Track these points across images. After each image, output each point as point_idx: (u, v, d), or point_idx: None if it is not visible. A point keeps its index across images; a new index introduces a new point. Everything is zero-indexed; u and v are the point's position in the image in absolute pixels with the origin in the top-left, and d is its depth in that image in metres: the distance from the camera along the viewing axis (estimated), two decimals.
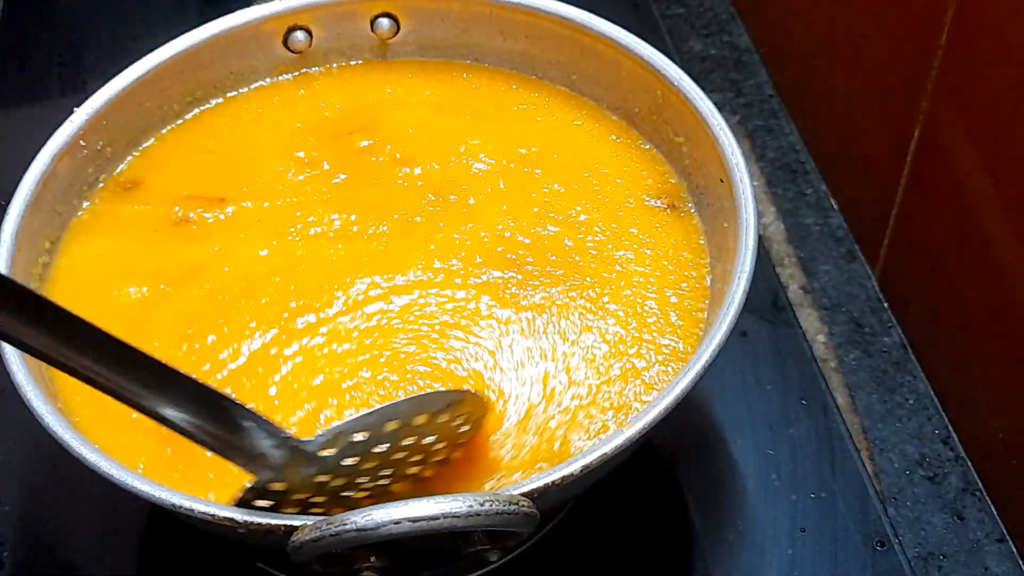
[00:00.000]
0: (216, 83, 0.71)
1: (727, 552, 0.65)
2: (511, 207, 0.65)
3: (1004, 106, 0.65)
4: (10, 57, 0.96)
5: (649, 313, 0.60)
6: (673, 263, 0.62)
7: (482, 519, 0.45)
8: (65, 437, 0.52)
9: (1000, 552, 0.68)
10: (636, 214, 0.65)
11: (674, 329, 0.60)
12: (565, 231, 0.64)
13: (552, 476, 0.49)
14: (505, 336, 0.60)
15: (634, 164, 0.67)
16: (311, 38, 0.71)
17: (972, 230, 0.70)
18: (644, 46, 0.66)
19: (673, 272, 0.62)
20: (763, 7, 0.97)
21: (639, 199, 0.65)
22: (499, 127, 0.69)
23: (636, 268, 0.62)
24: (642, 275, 0.62)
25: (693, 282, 0.62)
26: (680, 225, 0.64)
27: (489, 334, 0.60)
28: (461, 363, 0.59)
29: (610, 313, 0.60)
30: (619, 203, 0.65)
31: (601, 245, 0.63)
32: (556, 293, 0.61)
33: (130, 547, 0.66)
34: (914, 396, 0.75)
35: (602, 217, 0.65)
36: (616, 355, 0.59)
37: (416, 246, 0.64)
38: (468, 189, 0.66)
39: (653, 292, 0.61)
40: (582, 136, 0.69)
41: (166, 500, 0.49)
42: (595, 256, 0.63)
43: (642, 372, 0.58)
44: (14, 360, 0.54)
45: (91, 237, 0.65)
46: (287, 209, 0.66)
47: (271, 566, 0.63)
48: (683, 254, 0.63)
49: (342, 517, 0.45)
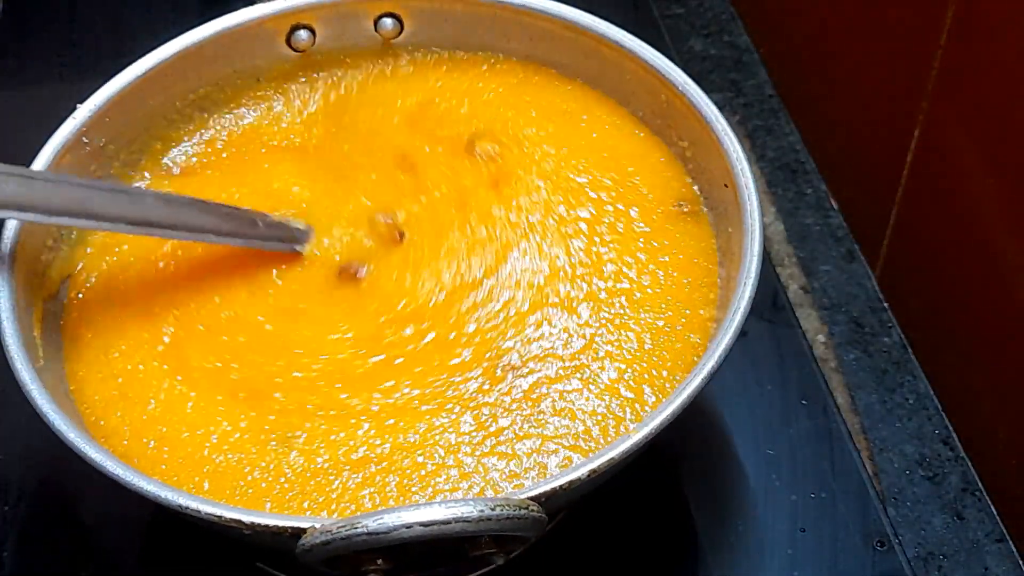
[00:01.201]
0: (219, 81, 0.71)
1: (727, 552, 0.65)
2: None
3: (1004, 106, 0.65)
4: (11, 56, 0.96)
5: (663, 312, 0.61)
6: (687, 267, 0.63)
7: (492, 524, 0.45)
8: (70, 436, 0.52)
9: (1000, 552, 0.68)
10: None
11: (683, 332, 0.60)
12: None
13: (559, 480, 0.49)
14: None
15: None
16: (314, 37, 0.71)
17: (972, 230, 0.70)
18: (648, 49, 0.66)
19: (687, 275, 0.63)
20: (763, 7, 0.97)
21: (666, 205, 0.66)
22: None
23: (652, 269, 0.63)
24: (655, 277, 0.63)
25: (705, 288, 0.62)
26: (697, 229, 0.65)
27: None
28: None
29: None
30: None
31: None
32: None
33: (131, 547, 0.66)
34: (914, 396, 0.76)
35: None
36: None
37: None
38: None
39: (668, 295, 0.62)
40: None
41: (172, 500, 0.50)
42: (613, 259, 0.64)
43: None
44: (18, 357, 0.54)
45: (95, 234, 0.65)
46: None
47: (271, 566, 0.63)
48: (695, 260, 0.63)
49: (352, 520, 0.45)
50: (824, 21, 0.86)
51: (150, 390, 0.59)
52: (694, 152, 0.65)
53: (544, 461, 0.56)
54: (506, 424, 0.57)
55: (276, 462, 0.56)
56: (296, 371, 0.59)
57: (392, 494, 0.54)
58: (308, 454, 0.56)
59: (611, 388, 0.58)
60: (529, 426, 0.57)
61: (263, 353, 0.60)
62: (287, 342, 0.61)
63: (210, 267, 0.63)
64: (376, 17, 0.71)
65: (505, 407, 0.57)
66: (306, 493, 0.55)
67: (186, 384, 0.59)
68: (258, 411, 0.58)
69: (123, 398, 0.59)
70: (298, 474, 0.55)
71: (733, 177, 0.60)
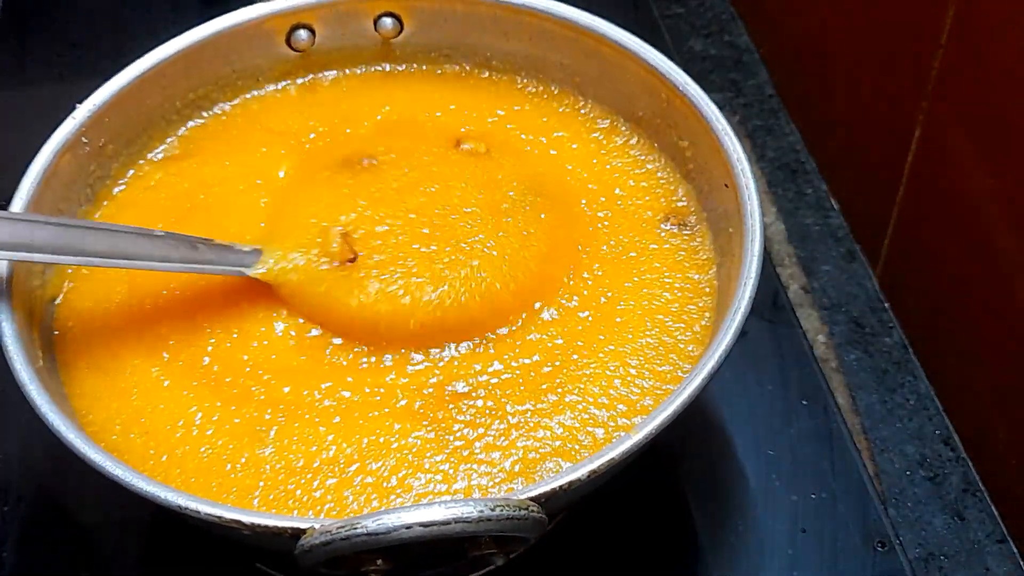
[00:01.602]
0: (218, 81, 0.71)
1: (727, 552, 0.65)
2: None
3: (1004, 106, 0.65)
4: (11, 55, 0.96)
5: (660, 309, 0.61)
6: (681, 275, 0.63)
7: (492, 524, 0.45)
8: (70, 437, 0.52)
9: (1001, 552, 0.68)
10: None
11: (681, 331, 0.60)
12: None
13: (559, 480, 0.49)
14: None
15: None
16: (314, 37, 0.71)
17: (972, 230, 0.70)
18: (649, 49, 0.66)
19: (681, 280, 0.62)
20: (763, 7, 0.98)
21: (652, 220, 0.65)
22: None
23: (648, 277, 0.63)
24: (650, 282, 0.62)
25: (701, 294, 0.62)
26: (689, 243, 0.64)
27: None
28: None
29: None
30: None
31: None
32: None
33: (131, 548, 0.66)
34: (915, 396, 0.76)
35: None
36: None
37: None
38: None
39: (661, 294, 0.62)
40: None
41: (172, 501, 0.49)
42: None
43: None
44: (18, 359, 0.54)
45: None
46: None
47: (270, 567, 0.63)
48: (690, 273, 0.63)
49: (352, 521, 0.45)
50: (824, 21, 0.86)
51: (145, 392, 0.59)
52: (694, 152, 0.65)
53: (532, 467, 0.56)
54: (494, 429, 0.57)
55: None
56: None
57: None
58: (282, 451, 0.56)
59: (602, 393, 0.58)
60: (512, 435, 0.57)
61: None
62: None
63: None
64: (376, 17, 0.71)
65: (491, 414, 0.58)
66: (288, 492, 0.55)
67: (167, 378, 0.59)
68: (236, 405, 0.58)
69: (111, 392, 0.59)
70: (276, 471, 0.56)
71: (733, 177, 0.60)
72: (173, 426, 0.57)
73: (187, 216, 0.65)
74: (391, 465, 0.55)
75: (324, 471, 0.55)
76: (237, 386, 0.58)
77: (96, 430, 0.57)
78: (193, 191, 0.67)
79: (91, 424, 0.57)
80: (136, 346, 0.60)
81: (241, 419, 0.57)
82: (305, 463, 0.55)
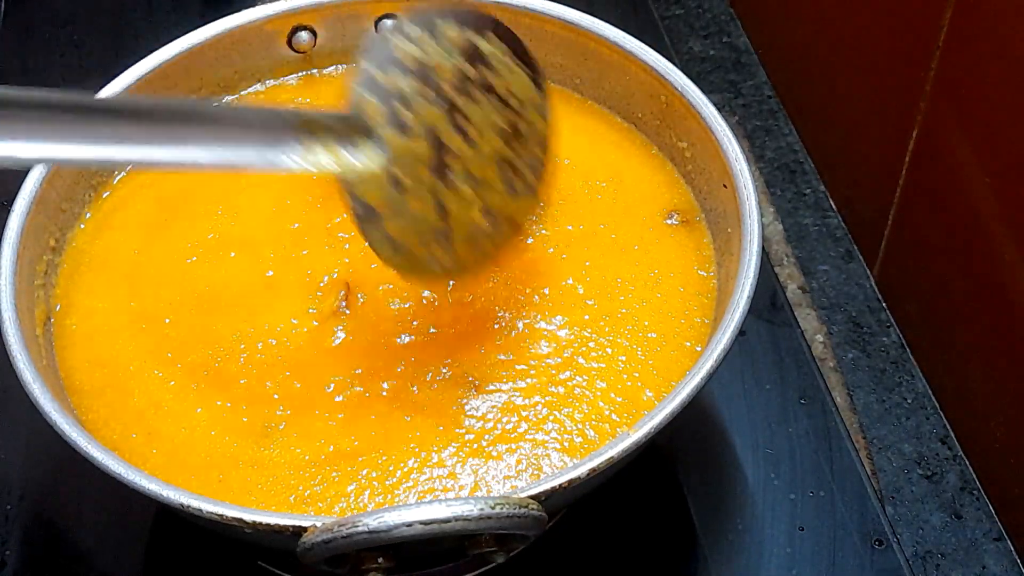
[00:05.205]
0: (220, 82, 0.71)
1: (726, 550, 0.65)
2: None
3: (1002, 106, 0.65)
4: (13, 56, 0.96)
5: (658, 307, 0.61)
6: (683, 274, 0.63)
7: (493, 522, 0.46)
8: (73, 436, 0.52)
9: (998, 551, 0.69)
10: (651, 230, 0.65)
11: (682, 329, 0.60)
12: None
13: (560, 479, 0.49)
14: None
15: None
16: (315, 38, 0.71)
17: (970, 230, 0.70)
18: (648, 51, 0.66)
19: (682, 282, 0.63)
20: (762, 8, 0.98)
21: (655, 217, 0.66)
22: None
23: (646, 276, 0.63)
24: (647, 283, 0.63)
25: (703, 289, 0.62)
26: (691, 238, 0.64)
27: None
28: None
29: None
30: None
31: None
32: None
33: (133, 547, 0.66)
34: (912, 395, 0.76)
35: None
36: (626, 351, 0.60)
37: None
38: None
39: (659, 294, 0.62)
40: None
41: (174, 500, 0.50)
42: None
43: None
44: (20, 357, 0.55)
45: (98, 234, 0.65)
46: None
47: (273, 565, 0.64)
48: (693, 267, 0.63)
49: (353, 519, 0.46)
50: (823, 22, 0.87)
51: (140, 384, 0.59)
52: (693, 153, 0.65)
53: (537, 463, 0.56)
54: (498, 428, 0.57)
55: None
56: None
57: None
58: (286, 447, 0.56)
59: (606, 392, 0.58)
60: (521, 428, 0.57)
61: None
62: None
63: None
64: (377, 18, 0.71)
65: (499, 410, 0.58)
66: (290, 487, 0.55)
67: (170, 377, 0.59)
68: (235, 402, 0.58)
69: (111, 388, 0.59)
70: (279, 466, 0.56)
71: (732, 177, 0.60)
72: (176, 424, 0.57)
73: (187, 212, 0.66)
74: (396, 458, 0.55)
75: (330, 466, 0.55)
76: (246, 384, 0.59)
77: (98, 428, 0.57)
78: (194, 188, 0.67)
79: (93, 423, 0.58)
80: (139, 345, 0.60)
81: (249, 417, 0.57)
82: (311, 458, 0.56)
